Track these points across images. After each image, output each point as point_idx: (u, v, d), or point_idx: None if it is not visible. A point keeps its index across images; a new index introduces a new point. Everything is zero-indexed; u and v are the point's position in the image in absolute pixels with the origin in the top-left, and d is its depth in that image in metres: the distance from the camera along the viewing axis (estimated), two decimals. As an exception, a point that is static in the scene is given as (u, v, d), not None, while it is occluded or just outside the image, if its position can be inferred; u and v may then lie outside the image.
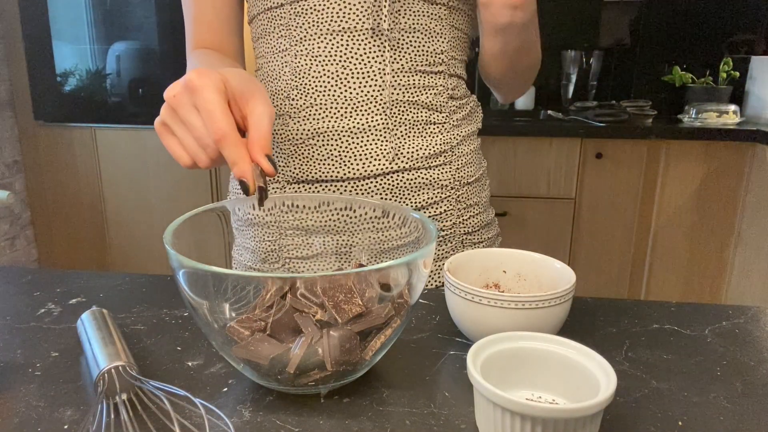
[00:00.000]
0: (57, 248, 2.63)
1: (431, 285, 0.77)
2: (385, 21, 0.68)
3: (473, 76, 2.25)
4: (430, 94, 0.73)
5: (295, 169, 0.73)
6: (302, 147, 0.71)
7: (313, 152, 0.71)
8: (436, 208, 0.75)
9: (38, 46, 2.42)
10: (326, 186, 0.72)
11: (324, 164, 0.71)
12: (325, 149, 0.71)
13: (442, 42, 0.72)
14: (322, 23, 0.70)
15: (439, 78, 0.74)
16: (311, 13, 0.70)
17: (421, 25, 0.70)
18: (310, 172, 0.72)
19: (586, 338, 0.59)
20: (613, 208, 2.14)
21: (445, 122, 0.74)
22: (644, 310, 0.66)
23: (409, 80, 0.71)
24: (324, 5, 0.69)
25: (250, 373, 0.48)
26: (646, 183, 2.10)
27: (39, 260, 2.67)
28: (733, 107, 2.17)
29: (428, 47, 0.72)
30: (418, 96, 0.72)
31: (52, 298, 0.68)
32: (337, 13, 0.69)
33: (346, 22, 0.69)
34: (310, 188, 0.73)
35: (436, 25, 0.71)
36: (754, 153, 2.00)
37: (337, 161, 0.71)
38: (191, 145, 0.52)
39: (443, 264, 0.78)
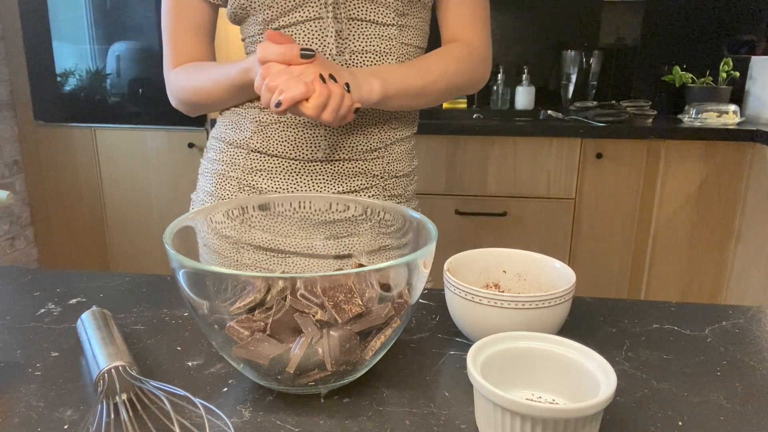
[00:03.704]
0: (57, 248, 2.63)
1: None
2: (333, 48, 0.79)
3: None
4: None
5: (257, 143, 0.85)
6: (268, 128, 0.84)
7: (275, 134, 0.84)
8: (366, 193, 0.87)
9: (38, 46, 2.42)
10: (280, 161, 0.85)
11: (281, 144, 0.84)
12: (285, 133, 0.84)
13: (392, 59, 0.83)
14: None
15: None
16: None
17: (372, 46, 0.81)
18: (270, 148, 0.85)
19: (586, 338, 0.59)
20: (613, 208, 2.13)
21: (384, 124, 0.86)
22: (644, 310, 0.66)
23: None
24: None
25: (250, 373, 0.48)
26: (646, 183, 2.10)
27: (39, 260, 2.67)
28: (733, 107, 2.17)
29: (378, 65, 0.82)
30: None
31: (52, 298, 0.68)
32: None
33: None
34: (269, 160, 0.85)
35: (386, 45, 0.81)
36: (754, 153, 2.00)
37: (292, 144, 0.84)
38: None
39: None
